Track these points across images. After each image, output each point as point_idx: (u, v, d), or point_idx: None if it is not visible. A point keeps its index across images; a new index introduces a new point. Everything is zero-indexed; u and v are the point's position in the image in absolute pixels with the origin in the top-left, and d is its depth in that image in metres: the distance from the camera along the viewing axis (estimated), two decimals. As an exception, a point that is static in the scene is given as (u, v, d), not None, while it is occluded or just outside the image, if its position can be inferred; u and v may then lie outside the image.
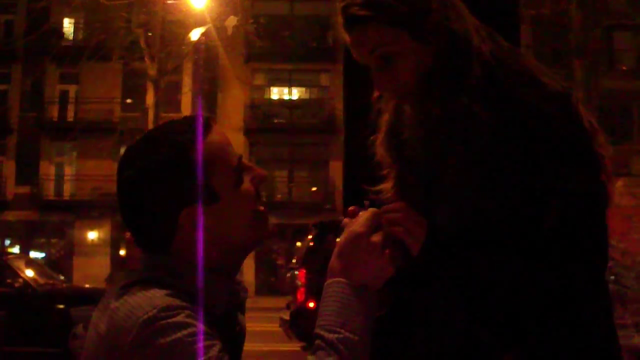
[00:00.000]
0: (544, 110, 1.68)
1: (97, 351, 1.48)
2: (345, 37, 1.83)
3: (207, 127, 1.61)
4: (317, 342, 1.46)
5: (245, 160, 1.66)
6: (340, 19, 1.82)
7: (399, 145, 1.92)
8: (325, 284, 1.55)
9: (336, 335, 1.45)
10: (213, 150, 1.58)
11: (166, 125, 1.66)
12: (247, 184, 1.63)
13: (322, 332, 1.47)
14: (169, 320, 1.41)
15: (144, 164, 1.57)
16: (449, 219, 1.71)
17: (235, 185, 1.60)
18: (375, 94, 1.95)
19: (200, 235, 1.56)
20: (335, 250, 1.59)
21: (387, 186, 1.95)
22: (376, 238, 1.58)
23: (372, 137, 2.00)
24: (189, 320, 1.42)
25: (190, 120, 1.62)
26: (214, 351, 1.42)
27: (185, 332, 1.40)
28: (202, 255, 1.55)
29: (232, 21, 23.79)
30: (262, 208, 1.66)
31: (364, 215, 1.61)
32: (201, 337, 1.42)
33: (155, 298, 1.45)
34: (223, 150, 1.61)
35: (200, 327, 1.43)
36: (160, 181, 1.55)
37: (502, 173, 1.67)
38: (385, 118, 1.96)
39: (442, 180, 1.75)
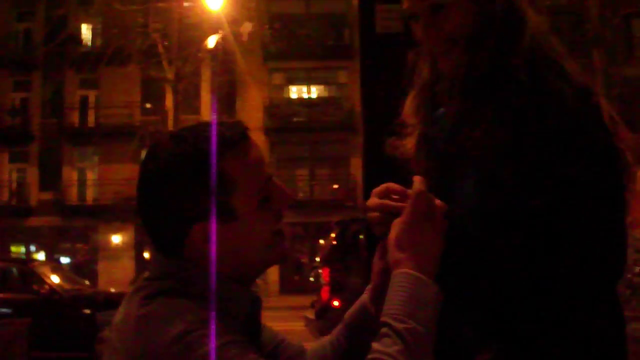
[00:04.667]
0: (571, 103, 1.65)
1: None
2: None
3: (243, 139, 1.56)
4: (384, 329, 1.42)
5: (275, 180, 1.60)
6: None
7: (428, 106, 1.91)
8: (392, 275, 1.51)
9: (404, 325, 1.41)
10: (241, 168, 1.53)
11: (200, 126, 1.57)
12: (271, 207, 1.58)
13: (389, 321, 1.43)
14: (200, 332, 1.39)
15: (165, 162, 1.51)
16: (470, 190, 1.69)
17: (257, 207, 1.54)
18: (410, 54, 1.94)
19: (210, 250, 1.51)
20: (393, 242, 1.54)
21: (408, 143, 1.93)
22: (429, 223, 1.55)
23: (405, 93, 1.97)
24: (219, 330, 1.40)
25: (226, 129, 1.55)
26: (250, 356, 1.40)
27: (218, 342, 1.38)
28: (215, 267, 1.51)
29: (247, 27, 23.86)
30: (282, 229, 1.61)
31: (410, 203, 1.57)
32: (234, 344, 1.40)
33: (183, 311, 1.43)
34: (253, 169, 1.55)
35: (232, 335, 1.42)
36: (176, 187, 1.50)
37: (523, 148, 1.64)
38: (421, 75, 1.94)
39: (467, 145, 1.72)
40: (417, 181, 1.58)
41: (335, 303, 10.83)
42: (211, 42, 24.04)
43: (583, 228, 1.60)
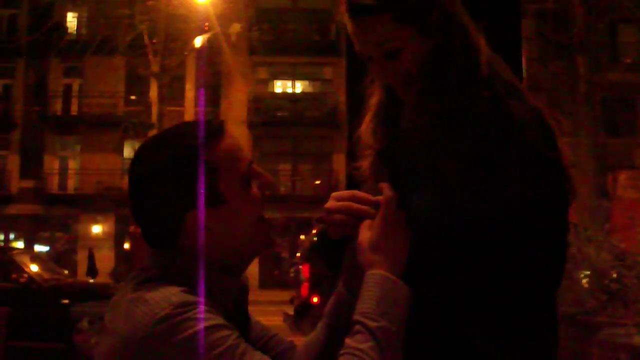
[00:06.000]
0: (528, 125, 1.73)
1: (114, 349, 1.52)
2: (348, 25, 1.84)
3: (219, 131, 1.66)
4: (357, 327, 1.51)
5: (255, 166, 1.69)
6: (344, 7, 1.82)
7: (384, 128, 1.96)
8: (366, 275, 1.60)
9: (376, 324, 1.50)
10: (222, 155, 1.63)
11: (179, 126, 1.69)
12: (254, 190, 1.68)
13: (362, 319, 1.52)
14: (185, 316, 1.46)
15: (153, 162, 1.61)
16: (423, 205, 1.73)
17: (243, 190, 1.64)
18: (369, 78, 1.99)
19: (203, 237, 1.60)
20: (367, 244, 1.64)
21: (364, 164, 2.00)
22: (399, 227, 1.65)
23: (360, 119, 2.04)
24: (203, 315, 1.47)
25: (203, 123, 1.66)
26: (231, 339, 1.47)
27: (201, 325, 1.45)
28: (208, 254, 1.60)
29: (235, 28, 23.89)
30: (266, 216, 1.70)
31: (383, 207, 1.66)
32: (217, 328, 1.47)
33: (170, 295, 1.49)
34: (233, 154, 1.65)
35: (216, 320, 1.48)
36: (168, 181, 1.60)
37: (480, 170, 1.70)
38: (374, 100, 2.00)
39: (425, 167, 1.77)
40: (386, 187, 1.68)
41: (315, 299, 10.83)
42: (198, 41, 24.04)
43: (527, 241, 1.69)
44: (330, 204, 1.75)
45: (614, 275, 7.73)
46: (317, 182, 32.88)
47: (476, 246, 1.69)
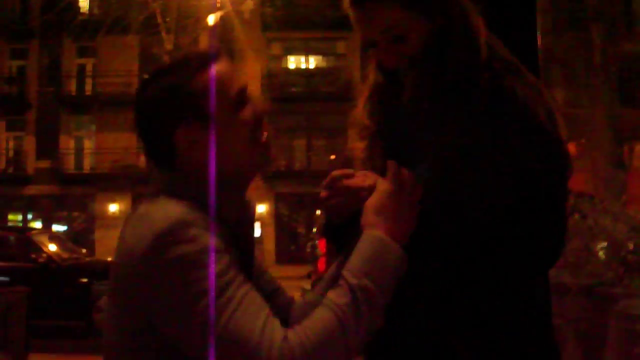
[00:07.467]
0: (528, 100, 1.77)
1: (120, 261, 1.61)
2: (352, 13, 1.90)
3: (215, 58, 1.73)
4: (340, 281, 1.57)
5: (249, 92, 1.75)
6: None
7: (379, 109, 2.02)
8: (363, 234, 1.64)
9: (357, 281, 1.55)
10: (211, 80, 1.69)
11: (180, 55, 1.83)
12: (247, 113, 1.72)
13: (345, 274, 1.57)
14: (181, 233, 1.51)
15: (151, 86, 1.73)
16: (427, 178, 1.76)
17: (232, 112, 1.70)
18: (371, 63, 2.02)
19: (209, 151, 1.66)
20: (371, 206, 1.68)
21: (360, 145, 2.07)
22: (410, 195, 1.68)
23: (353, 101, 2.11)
24: (200, 233, 1.53)
25: (200, 53, 1.76)
26: (222, 263, 1.52)
27: (194, 245, 1.51)
28: (204, 171, 1.66)
29: (248, 5, 23.81)
30: (263, 138, 1.75)
31: (392, 174, 1.69)
32: (211, 250, 1.51)
33: (170, 211, 1.56)
34: (223, 79, 1.71)
35: (211, 240, 1.53)
36: (159, 102, 1.70)
37: (483, 142, 1.75)
38: (369, 83, 2.06)
39: (428, 142, 1.81)
40: (392, 163, 1.71)
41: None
42: (211, 19, 24.00)
43: (529, 212, 1.73)
44: (324, 192, 1.86)
45: (631, 247, 7.70)
46: (332, 157, 32.87)
47: (479, 218, 1.72)
